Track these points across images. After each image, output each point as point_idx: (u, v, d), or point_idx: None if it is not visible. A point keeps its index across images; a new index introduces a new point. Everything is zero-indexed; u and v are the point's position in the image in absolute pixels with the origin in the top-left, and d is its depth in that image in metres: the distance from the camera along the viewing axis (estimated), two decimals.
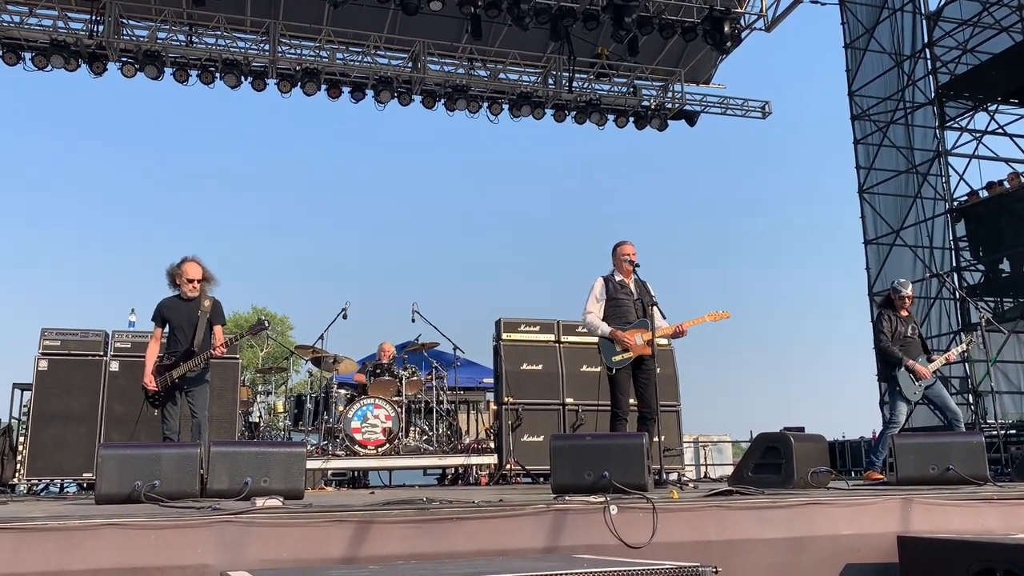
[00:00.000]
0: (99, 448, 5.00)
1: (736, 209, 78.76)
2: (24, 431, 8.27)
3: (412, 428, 9.49)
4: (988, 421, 13.10)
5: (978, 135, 15.07)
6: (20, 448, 8.16)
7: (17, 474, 8.07)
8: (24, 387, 8.97)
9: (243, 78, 13.06)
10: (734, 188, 79.71)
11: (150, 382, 6.37)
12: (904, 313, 7.69)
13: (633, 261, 6.55)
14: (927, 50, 14.87)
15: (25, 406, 8.61)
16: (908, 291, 7.70)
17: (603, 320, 6.52)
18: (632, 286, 6.61)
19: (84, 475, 8.05)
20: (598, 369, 6.67)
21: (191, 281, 6.47)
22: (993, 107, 15.28)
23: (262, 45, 13.28)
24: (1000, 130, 15.27)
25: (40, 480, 8.20)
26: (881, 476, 6.96)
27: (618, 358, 6.38)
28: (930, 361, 7.55)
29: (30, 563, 3.38)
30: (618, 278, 6.63)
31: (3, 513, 4.05)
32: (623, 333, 6.36)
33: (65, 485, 8.70)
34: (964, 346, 8.25)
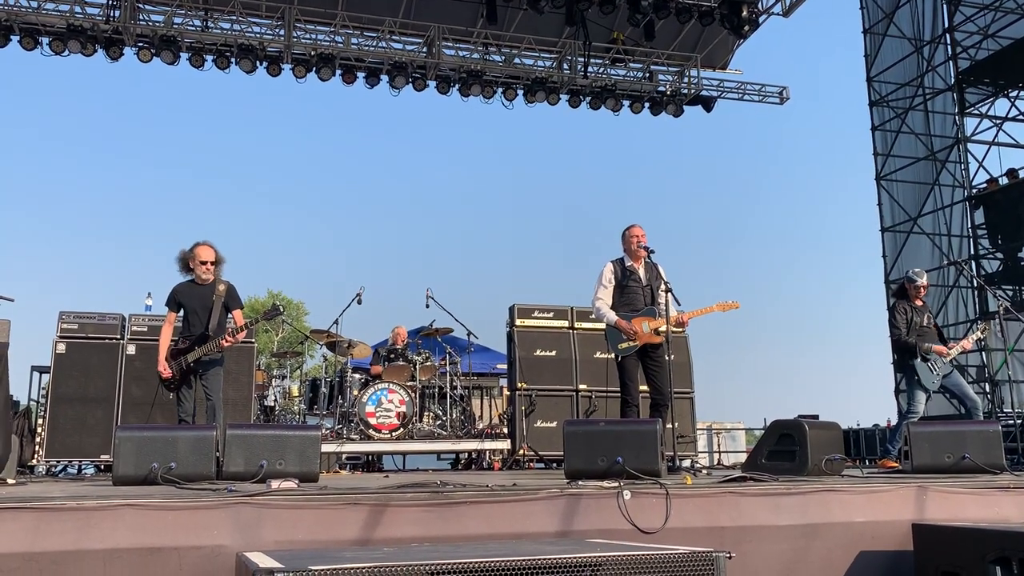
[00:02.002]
0: (116, 430, 5.05)
1: (751, 196, 78.30)
2: (43, 413, 8.36)
3: (426, 413, 9.53)
4: (1005, 410, 13.01)
5: (998, 121, 14.91)
6: (39, 430, 8.25)
7: (36, 455, 8.16)
8: (42, 370, 9.07)
9: (258, 63, 13.08)
10: (749, 174, 79.25)
11: (164, 369, 6.41)
12: (919, 303, 7.61)
13: (644, 244, 6.51)
14: (947, 35, 14.69)
15: (43, 388, 8.70)
16: (923, 281, 7.61)
17: (612, 306, 6.51)
18: (642, 271, 6.58)
19: (102, 457, 8.13)
20: (611, 355, 6.68)
21: (203, 263, 6.50)
22: (1014, 93, 15.09)
23: (277, 30, 13.29)
24: (1021, 116, 15.09)
25: (59, 461, 8.29)
26: (896, 464, 6.93)
27: (624, 345, 6.38)
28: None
29: (49, 542, 3.42)
30: (628, 263, 6.60)
31: (23, 493, 4.10)
32: (626, 323, 6.35)
33: (83, 466, 8.80)
34: (979, 334, 8.19)
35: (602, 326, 6.79)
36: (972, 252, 14.22)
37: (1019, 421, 11.27)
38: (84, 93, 67.88)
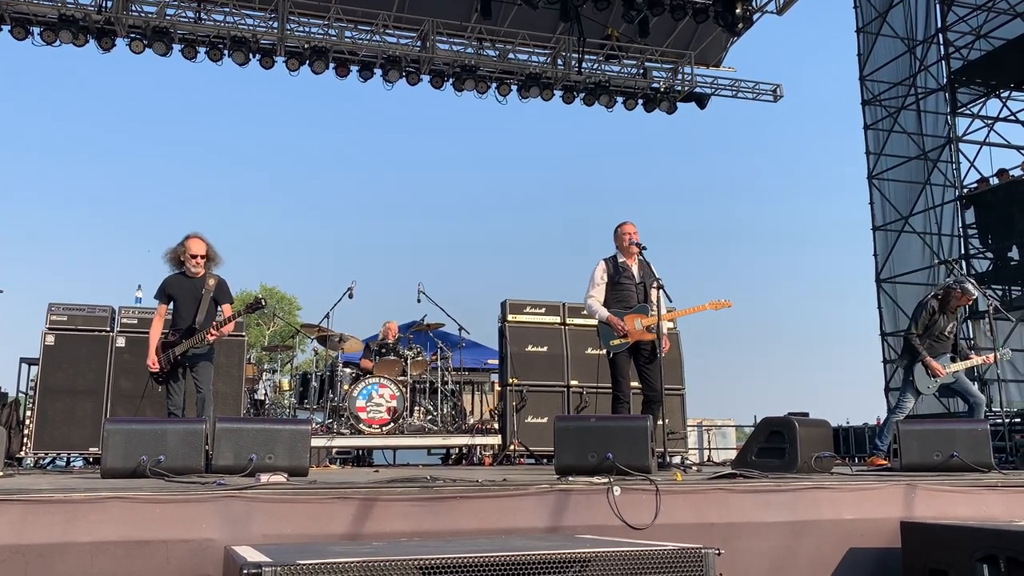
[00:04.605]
0: (105, 423, 5.02)
1: (742, 193, 78.43)
2: (31, 405, 8.32)
3: (417, 408, 9.52)
4: (993, 409, 13.07)
5: (989, 122, 14.95)
6: (27, 422, 8.21)
7: (24, 447, 8.12)
8: (31, 361, 9.02)
9: (251, 56, 13.01)
10: (740, 172, 79.32)
11: (153, 364, 6.39)
12: (951, 312, 7.49)
13: (636, 241, 6.52)
14: (940, 35, 14.73)
15: (32, 380, 8.66)
16: (974, 295, 7.44)
17: (604, 303, 6.51)
18: (635, 268, 6.59)
19: (90, 449, 8.10)
20: (602, 351, 6.68)
21: (194, 257, 6.47)
22: (1006, 94, 15.15)
23: (270, 22, 13.23)
24: (1012, 117, 15.15)
25: (47, 454, 8.26)
26: (885, 462, 6.95)
27: (616, 342, 6.38)
28: (954, 361, 7.45)
29: (36, 534, 3.40)
30: (621, 260, 6.60)
31: (10, 485, 4.07)
32: (617, 320, 6.36)
33: (71, 459, 8.76)
34: (997, 354, 7.89)
35: (593, 322, 6.80)
36: (962, 251, 14.27)
37: (1007, 420, 11.33)
38: (79, 83, 67.49)
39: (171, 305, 6.56)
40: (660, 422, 6.12)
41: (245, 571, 2.53)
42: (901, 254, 14.77)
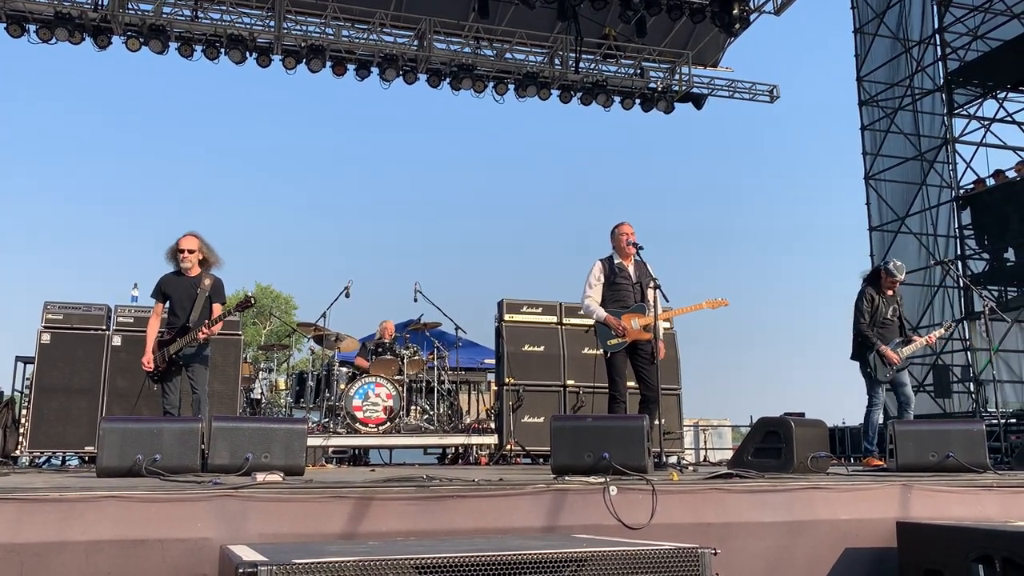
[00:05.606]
0: (101, 421, 5.01)
1: (739, 193, 78.46)
2: (27, 404, 8.29)
3: (413, 407, 9.51)
4: (989, 410, 13.10)
5: (986, 123, 14.97)
6: (23, 420, 8.19)
7: (20, 446, 8.10)
8: (27, 360, 8.99)
9: (248, 54, 12.98)
10: (737, 172, 79.34)
11: (148, 362, 6.37)
12: (889, 293, 7.64)
13: (633, 242, 6.52)
14: (937, 36, 14.75)
15: (28, 379, 8.63)
16: (902, 276, 7.64)
17: (601, 303, 6.52)
18: (631, 269, 6.59)
19: (86, 448, 8.08)
20: (599, 351, 6.69)
21: (182, 251, 6.45)
22: (1002, 95, 15.17)
23: (267, 21, 13.21)
24: (1008, 118, 15.17)
25: (42, 453, 8.23)
26: (881, 462, 6.97)
27: (613, 342, 6.39)
28: (906, 344, 7.55)
29: (31, 533, 3.39)
30: (617, 260, 6.61)
31: (5, 484, 4.06)
32: (615, 319, 6.37)
33: (67, 458, 8.74)
34: (943, 330, 8.30)
35: (590, 322, 6.80)
36: (958, 252, 14.29)
37: (1003, 421, 11.36)
38: (77, 80, 67.32)
39: (167, 304, 6.55)
40: (656, 422, 6.12)
41: (241, 570, 2.53)
42: (897, 255, 14.72)
